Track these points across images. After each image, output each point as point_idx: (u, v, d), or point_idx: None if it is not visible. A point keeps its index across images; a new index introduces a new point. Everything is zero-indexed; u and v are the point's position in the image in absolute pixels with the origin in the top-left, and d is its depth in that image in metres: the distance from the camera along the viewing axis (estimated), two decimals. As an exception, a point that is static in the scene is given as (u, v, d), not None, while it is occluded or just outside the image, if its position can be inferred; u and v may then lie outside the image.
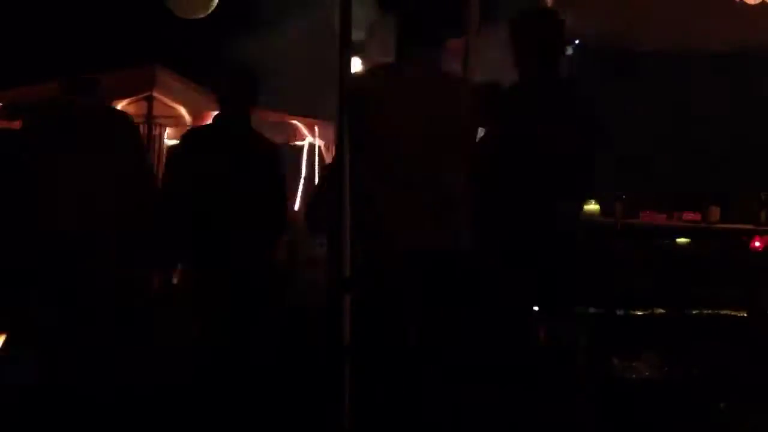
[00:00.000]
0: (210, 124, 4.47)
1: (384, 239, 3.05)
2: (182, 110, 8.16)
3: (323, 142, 9.83)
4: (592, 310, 6.94)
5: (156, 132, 8.00)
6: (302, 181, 10.16)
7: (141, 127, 7.89)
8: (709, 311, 7.05)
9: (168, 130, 9.43)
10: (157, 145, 8.02)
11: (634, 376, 4.58)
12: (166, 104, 8.06)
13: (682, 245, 7.26)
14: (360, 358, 2.98)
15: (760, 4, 6.43)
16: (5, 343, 4.03)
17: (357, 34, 4.37)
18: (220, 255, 3.88)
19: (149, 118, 7.84)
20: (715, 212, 7.04)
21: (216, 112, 4.04)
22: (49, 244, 3.79)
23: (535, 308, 3.34)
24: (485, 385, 3.17)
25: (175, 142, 9.91)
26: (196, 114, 8.25)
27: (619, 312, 7.08)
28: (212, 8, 5.13)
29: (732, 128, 7.51)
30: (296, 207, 9.76)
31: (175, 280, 4.47)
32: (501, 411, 3.18)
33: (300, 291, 7.42)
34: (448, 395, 3.08)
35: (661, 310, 7.17)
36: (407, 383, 3.01)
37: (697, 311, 7.06)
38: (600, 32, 7.73)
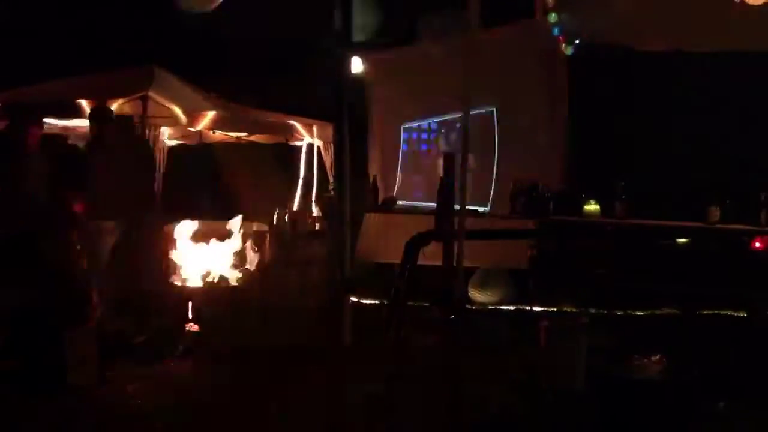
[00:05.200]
0: None
1: None
2: (177, 110, 8.06)
3: (321, 143, 9.79)
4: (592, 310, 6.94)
5: (150, 132, 7.87)
6: (300, 181, 10.11)
7: (135, 127, 7.80)
8: (709, 311, 7.04)
9: (170, 131, 9.35)
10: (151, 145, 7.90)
11: (634, 376, 4.55)
12: (161, 104, 7.96)
13: (682, 245, 7.20)
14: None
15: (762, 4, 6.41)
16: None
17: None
18: None
19: (143, 117, 7.73)
20: (715, 213, 7.00)
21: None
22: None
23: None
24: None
25: (176, 142, 9.85)
26: (190, 114, 8.16)
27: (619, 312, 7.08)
28: (218, 3, 5.09)
29: (732, 128, 7.47)
30: (295, 207, 9.72)
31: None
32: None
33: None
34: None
35: (662, 311, 7.15)
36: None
37: (697, 311, 7.05)
38: (600, 32, 7.73)
